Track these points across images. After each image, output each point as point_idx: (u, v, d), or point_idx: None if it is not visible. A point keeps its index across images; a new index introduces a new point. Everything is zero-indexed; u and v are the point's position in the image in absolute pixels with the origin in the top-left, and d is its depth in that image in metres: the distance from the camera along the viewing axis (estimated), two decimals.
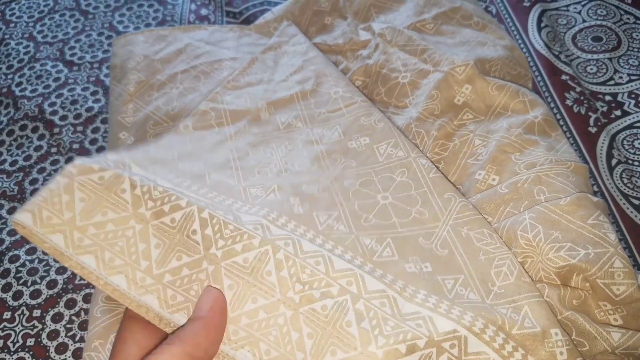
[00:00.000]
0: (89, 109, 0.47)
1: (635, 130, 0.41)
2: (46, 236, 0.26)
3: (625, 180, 0.39)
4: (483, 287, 0.29)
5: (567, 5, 0.50)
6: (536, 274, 0.31)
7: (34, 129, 0.47)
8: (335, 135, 0.37)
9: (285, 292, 0.26)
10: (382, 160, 0.35)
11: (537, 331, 0.27)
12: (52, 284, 0.38)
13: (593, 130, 0.42)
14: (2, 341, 0.36)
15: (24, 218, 0.27)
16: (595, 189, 0.40)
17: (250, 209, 0.31)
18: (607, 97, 0.43)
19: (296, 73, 0.43)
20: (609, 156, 0.41)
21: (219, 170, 0.34)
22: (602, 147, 0.41)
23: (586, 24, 0.48)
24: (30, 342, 0.36)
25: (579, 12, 0.49)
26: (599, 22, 0.48)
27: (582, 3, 0.49)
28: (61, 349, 0.35)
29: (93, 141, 0.46)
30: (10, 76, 0.50)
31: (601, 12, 0.48)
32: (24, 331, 0.36)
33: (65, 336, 0.36)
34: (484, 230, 0.30)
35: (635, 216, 0.38)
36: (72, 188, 0.28)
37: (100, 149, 0.45)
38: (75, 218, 0.27)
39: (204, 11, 0.55)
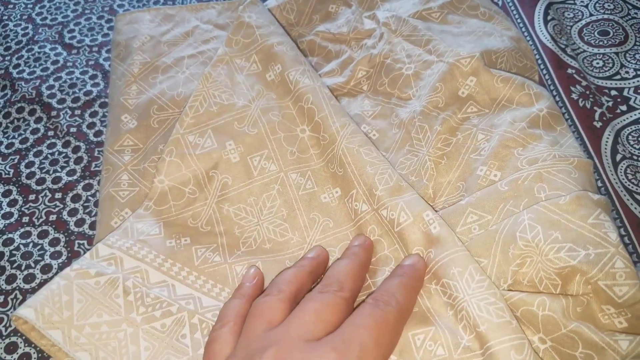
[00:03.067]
0: (87, 93, 0.47)
1: None
2: (46, 331, 0.29)
3: (630, 176, 0.39)
4: (453, 341, 0.28)
5: None
6: (536, 274, 0.30)
7: (31, 112, 0.46)
8: (309, 185, 0.37)
9: None
10: (354, 218, 0.35)
11: None
12: (46, 269, 0.37)
13: (598, 125, 0.41)
14: None
15: (27, 313, 0.29)
16: (599, 184, 0.39)
17: None
18: (613, 92, 0.43)
19: (258, 98, 0.40)
20: (614, 151, 0.40)
21: (205, 241, 0.35)
22: (607, 142, 0.41)
23: (593, 18, 0.47)
24: None
25: (586, 6, 0.48)
26: (606, 16, 0.47)
27: None
28: None
29: (91, 125, 0.45)
30: (7, 58, 0.49)
31: (608, 6, 0.48)
32: None
33: None
34: (443, 281, 0.29)
35: None
36: (71, 289, 0.31)
37: (98, 134, 0.44)
38: (73, 317, 0.30)
39: None
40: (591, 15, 0.47)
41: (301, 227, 0.36)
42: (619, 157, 0.40)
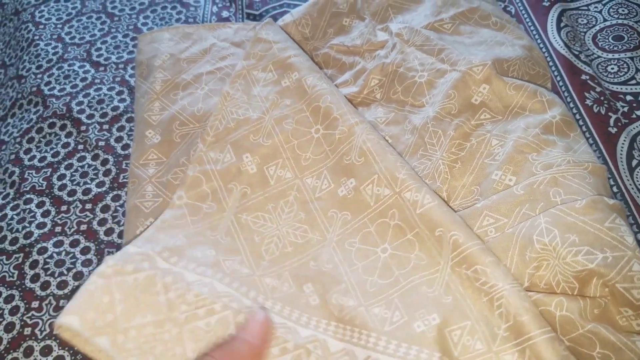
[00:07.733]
0: (114, 108, 0.49)
1: None
2: (93, 339, 0.28)
3: None
4: (490, 332, 0.29)
5: (588, 5, 0.49)
6: (554, 277, 0.31)
7: (62, 127, 0.48)
8: (325, 185, 0.38)
9: None
10: (373, 205, 0.35)
11: None
12: (78, 276, 0.39)
13: (613, 130, 0.42)
14: (30, 329, 0.37)
15: (71, 321, 0.28)
16: (615, 189, 0.39)
17: (273, 306, 0.32)
18: (628, 97, 0.43)
19: (272, 108, 0.41)
20: (629, 157, 0.40)
21: (229, 253, 0.36)
22: (622, 147, 0.41)
23: (607, 23, 0.47)
24: None
25: (600, 12, 0.49)
26: (620, 21, 0.47)
27: (603, 2, 0.49)
28: None
29: (118, 139, 0.47)
30: (39, 76, 0.52)
31: (622, 11, 0.48)
32: (51, 320, 0.37)
33: None
34: (477, 267, 0.30)
35: None
36: (110, 289, 0.29)
37: (125, 147, 0.46)
38: (117, 320, 0.29)
39: (225, 13, 0.56)
40: (605, 20, 0.48)
41: (320, 226, 0.37)
42: (634, 162, 0.40)
